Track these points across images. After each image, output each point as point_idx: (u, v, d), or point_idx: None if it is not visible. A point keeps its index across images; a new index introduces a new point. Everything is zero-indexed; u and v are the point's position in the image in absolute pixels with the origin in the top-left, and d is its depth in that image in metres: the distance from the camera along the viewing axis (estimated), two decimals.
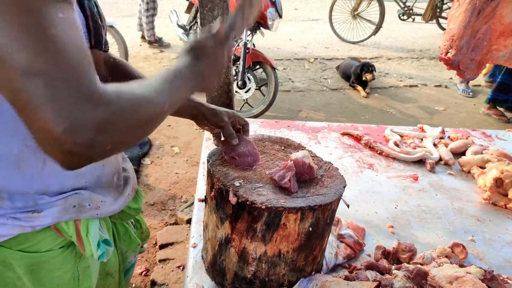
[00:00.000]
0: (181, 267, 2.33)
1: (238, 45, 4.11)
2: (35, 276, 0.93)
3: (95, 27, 0.85)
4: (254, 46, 4.39)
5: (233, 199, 0.89)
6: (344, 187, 0.97)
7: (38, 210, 0.85)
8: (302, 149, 1.09)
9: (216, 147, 1.11)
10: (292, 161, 0.96)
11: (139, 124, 0.64)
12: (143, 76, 1.14)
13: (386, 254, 1.17)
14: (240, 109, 4.30)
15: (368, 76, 5.15)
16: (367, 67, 5.16)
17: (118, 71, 1.11)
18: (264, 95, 4.24)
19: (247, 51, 3.97)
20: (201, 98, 1.18)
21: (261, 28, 4.31)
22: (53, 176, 0.86)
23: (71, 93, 0.54)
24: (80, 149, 0.56)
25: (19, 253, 0.89)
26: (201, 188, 1.42)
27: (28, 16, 0.53)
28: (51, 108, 0.52)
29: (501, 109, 4.74)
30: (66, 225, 0.91)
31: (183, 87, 0.77)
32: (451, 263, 1.12)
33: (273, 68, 4.10)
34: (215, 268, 1.03)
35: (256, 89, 4.23)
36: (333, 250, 1.13)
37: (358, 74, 5.21)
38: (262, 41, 5.94)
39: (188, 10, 5.47)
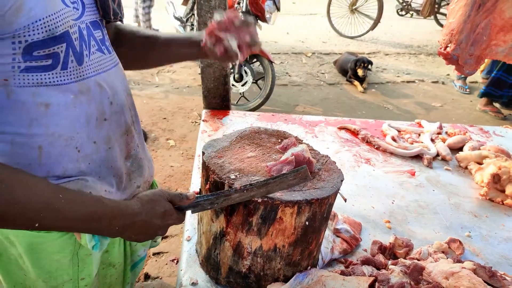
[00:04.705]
0: (175, 261, 2.31)
1: None
2: (35, 257, 0.94)
3: None
4: None
5: None
6: (342, 180, 0.96)
7: None
8: (300, 143, 1.08)
9: (212, 140, 1.09)
10: (293, 156, 0.94)
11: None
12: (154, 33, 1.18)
13: (382, 249, 1.16)
14: (237, 102, 4.27)
15: (359, 71, 5.13)
16: (360, 62, 5.14)
17: (120, 37, 1.13)
18: (260, 89, 4.21)
19: None
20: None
21: (258, 21, 4.26)
22: (53, 160, 0.84)
23: None
24: None
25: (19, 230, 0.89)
26: (196, 181, 1.40)
27: None
28: None
29: (497, 105, 4.74)
30: None
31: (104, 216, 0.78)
32: (447, 258, 1.11)
33: (270, 62, 4.06)
34: (209, 262, 1.01)
35: (253, 83, 4.20)
36: (329, 244, 1.12)
37: (354, 69, 5.19)
38: (260, 35, 5.90)
39: (185, 2, 5.41)
